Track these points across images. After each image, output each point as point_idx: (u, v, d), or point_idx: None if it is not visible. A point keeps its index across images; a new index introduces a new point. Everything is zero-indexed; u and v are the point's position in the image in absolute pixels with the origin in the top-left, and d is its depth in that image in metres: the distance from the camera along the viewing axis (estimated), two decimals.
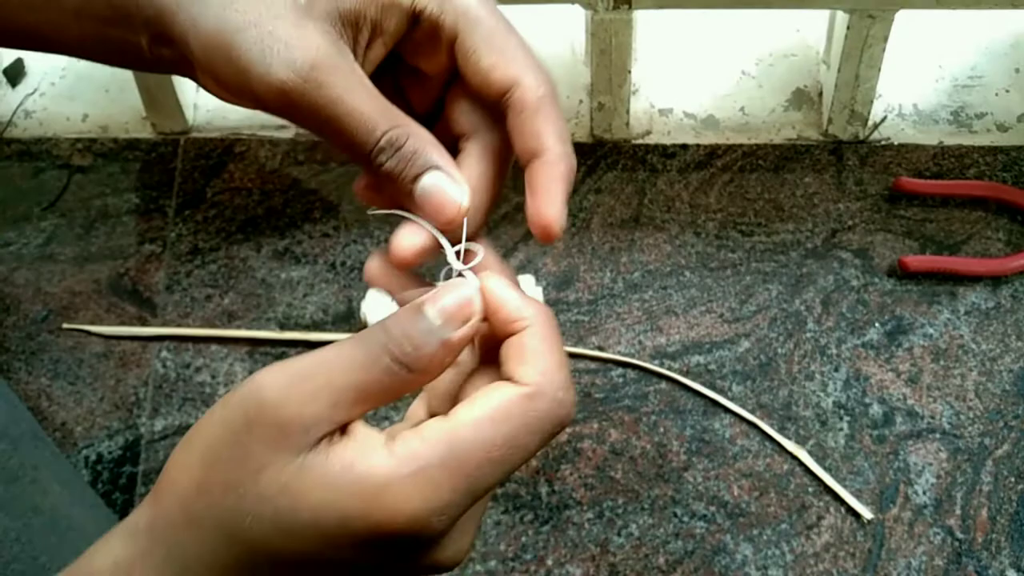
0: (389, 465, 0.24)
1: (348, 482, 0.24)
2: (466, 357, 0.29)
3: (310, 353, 0.25)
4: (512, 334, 0.26)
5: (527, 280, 0.60)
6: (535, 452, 0.25)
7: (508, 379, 0.26)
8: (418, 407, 0.30)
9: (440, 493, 0.24)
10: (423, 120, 0.30)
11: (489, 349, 0.28)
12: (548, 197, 0.28)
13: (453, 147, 0.30)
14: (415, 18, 0.29)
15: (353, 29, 0.29)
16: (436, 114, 0.32)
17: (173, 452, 0.26)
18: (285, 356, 0.59)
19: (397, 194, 0.29)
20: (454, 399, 0.28)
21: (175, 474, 0.26)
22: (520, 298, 0.27)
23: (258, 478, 0.24)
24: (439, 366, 0.25)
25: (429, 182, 0.28)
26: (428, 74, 0.31)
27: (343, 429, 0.25)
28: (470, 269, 0.28)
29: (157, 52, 0.30)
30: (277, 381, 0.25)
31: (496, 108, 0.29)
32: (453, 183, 0.29)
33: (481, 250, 0.28)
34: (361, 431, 0.25)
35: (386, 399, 0.25)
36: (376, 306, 0.61)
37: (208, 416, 0.25)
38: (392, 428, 0.26)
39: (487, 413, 0.25)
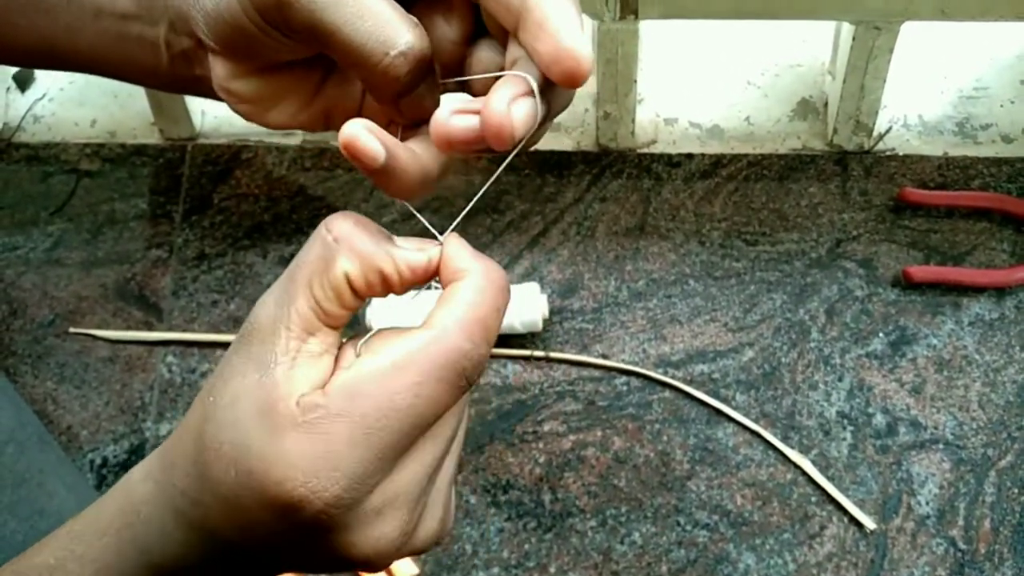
0: (290, 415, 0.24)
1: (258, 435, 0.24)
2: None
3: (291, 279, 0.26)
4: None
5: (531, 288, 0.62)
6: (447, 405, 0.25)
7: (425, 321, 0.26)
8: (348, 350, 0.27)
9: (337, 447, 0.23)
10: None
11: None
12: (562, 29, 0.24)
13: None
14: None
15: None
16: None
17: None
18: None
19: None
20: None
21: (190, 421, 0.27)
22: (471, 256, 0.27)
23: (228, 382, 0.25)
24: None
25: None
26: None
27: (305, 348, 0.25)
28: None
29: (174, 45, 0.30)
30: (266, 305, 0.26)
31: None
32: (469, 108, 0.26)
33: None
34: (301, 367, 0.25)
35: (335, 306, 0.26)
36: (380, 312, 0.63)
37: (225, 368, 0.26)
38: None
39: (389, 360, 0.24)
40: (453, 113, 0.26)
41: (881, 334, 0.60)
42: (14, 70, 0.70)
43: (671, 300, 0.61)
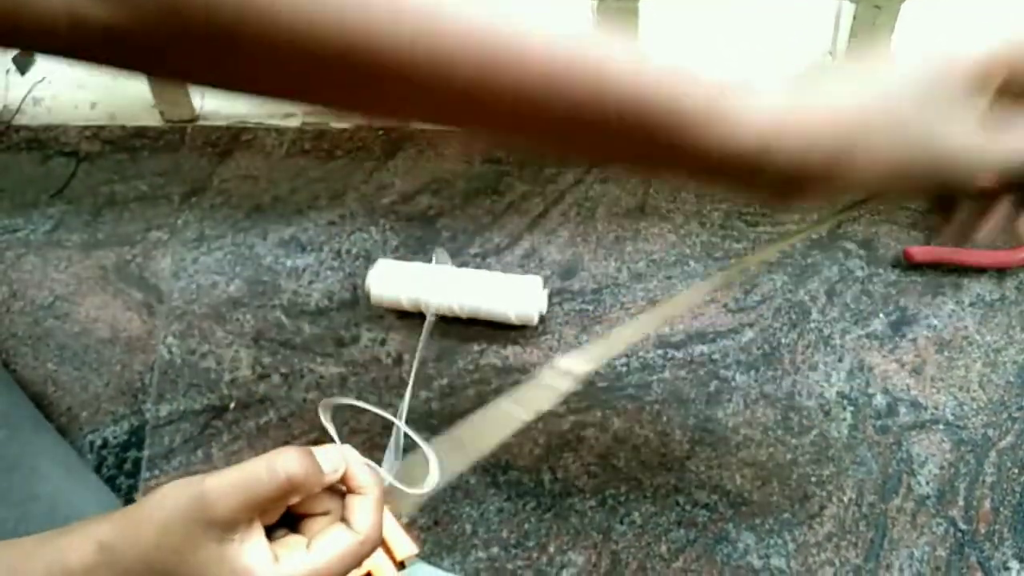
0: None
1: None
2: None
3: (240, 467, 0.36)
4: (356, 493, 0.38)
5: (534, 281, 0.62)
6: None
7: (349, 523, 0.37)
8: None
9: None
10: None
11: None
12: None
13: None
14: None
15: None
16: None
17: (143, 501, 0.36)
18: (290, 343, 0.61)
19: None
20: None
21: (142, 525, 0.35)
22: (369, 474, 0.39)
23: (195, 552, 0.35)
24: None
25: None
26: None
27: (252, 525, 0.36)
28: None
29: None
30: (220, 486, 0.35)
31: None
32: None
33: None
34: (260, 541, 0.36)
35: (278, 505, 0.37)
36: (381, 274, 0.63)
37: (173, 491, 0.36)
38: (286, 541, 0.37)
39: (338, 551, 0.36)
40: None
41: (881, 315, 0.61)
42: (13, 52, 0.70)
43: (671, 281, 0.62)
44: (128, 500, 0.58)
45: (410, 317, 0.61)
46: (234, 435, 0.59)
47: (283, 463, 0.36)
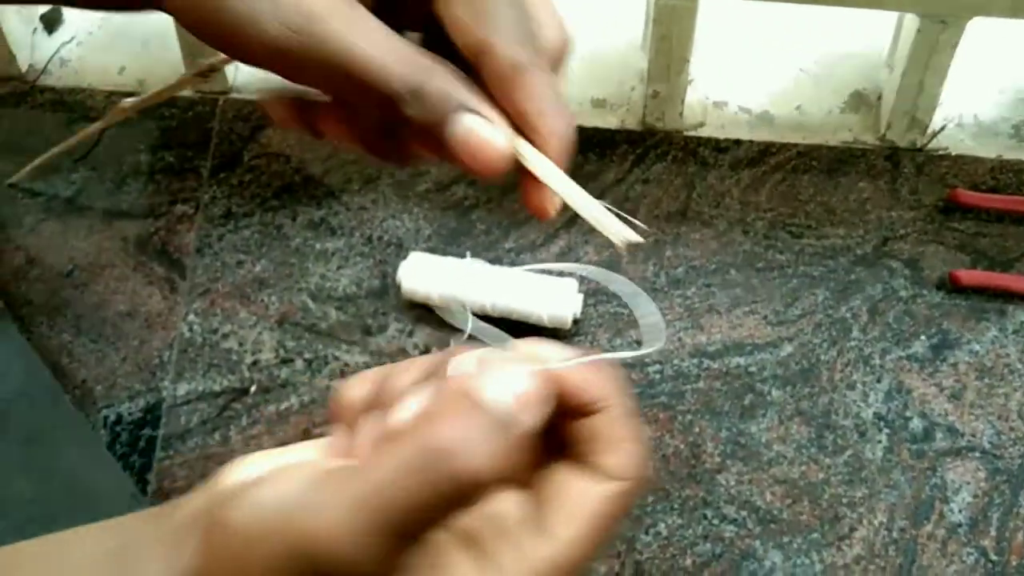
0: None
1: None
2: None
3: (348, 475, 0.22)
4: (587, 413, 0.24)
5: (569, 284, 0.61)
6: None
7: (594, 468, 0.24)
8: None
9: None
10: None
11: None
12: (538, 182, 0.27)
13: None
14: None
15: None
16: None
17: (205, 550, 0.23)
18: (315, 328, 0.60)
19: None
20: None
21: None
22: (596, 377, 0.24)
23: None
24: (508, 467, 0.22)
25: (461, 128, 0.26)
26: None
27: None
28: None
29: None
30: (332, 525, 0.21)
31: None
32: (488, 124, 0.26)
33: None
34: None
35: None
36: (413, 267, 0.62)
37: (259, 544, 0.21)
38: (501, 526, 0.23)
39: (590, 527, 0.23)
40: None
41: (923, 337, 0.60)
42: (42, 10, 0.69)
43: (710, 289, 0.61)
44: (141, 480, 0.57)
45: (440, 309, 0.60)
46: (253, 419, 0.58)
47: (442, 439, 0.20)
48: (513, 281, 0.58)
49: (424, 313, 0.60)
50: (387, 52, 0.25)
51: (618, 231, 0.27)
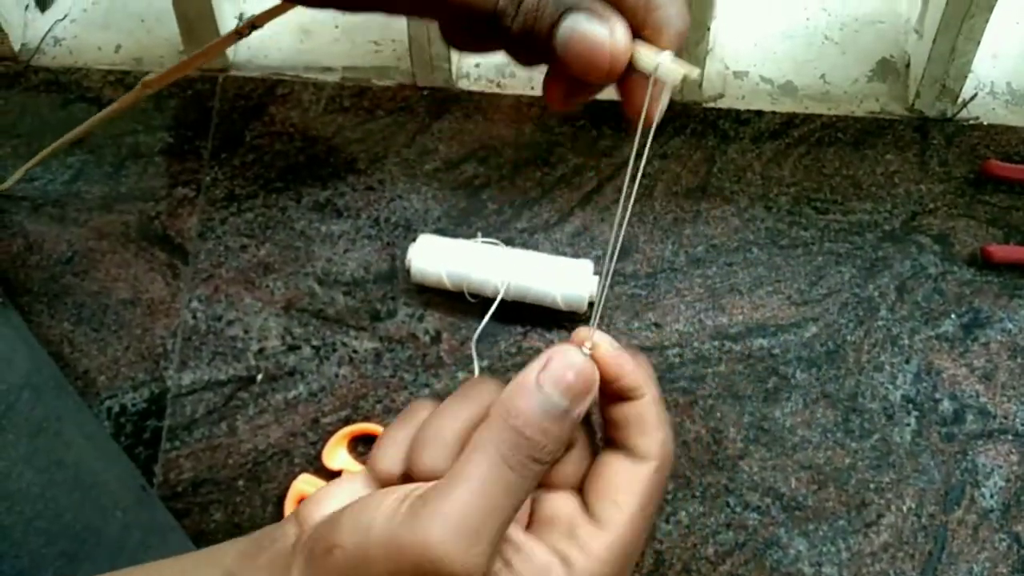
0: None
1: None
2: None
3: (454, 487, 0.24)
4: (625, 399, 0.27)
5: (584, 265, 0.59)
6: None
7: (630, 450, 0.27)
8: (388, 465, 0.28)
9: None
10: None
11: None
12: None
13: None
14: None
15: None
16: None
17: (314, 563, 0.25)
18: (322, 314, 0.59)
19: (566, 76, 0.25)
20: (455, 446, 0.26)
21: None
22: (635, 366, 0.27)
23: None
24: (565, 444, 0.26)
25: (568, 28, 0.24)
26: None
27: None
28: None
29: None
30: (444, 537, 0.23)
31: None
32: (597, 20, 0.24)
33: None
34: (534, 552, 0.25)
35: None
36: (423, 249, 0.61)
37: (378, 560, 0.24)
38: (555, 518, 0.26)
39: (637, 505, 0.26)
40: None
41: (953, 315, 0.58)
42: None
43: (732, 268, 0.59)
44: (147, 472, 0.56)
45: (451, 293, 0.59)
46: (260, 408, 0.57)
47: (519, 429, 0.24)
48: (527, 262, 0.57)
49: (434, 297, 0.59)
50: None
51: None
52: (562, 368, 0.26)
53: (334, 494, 0.27)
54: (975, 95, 0.62)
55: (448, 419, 0.27)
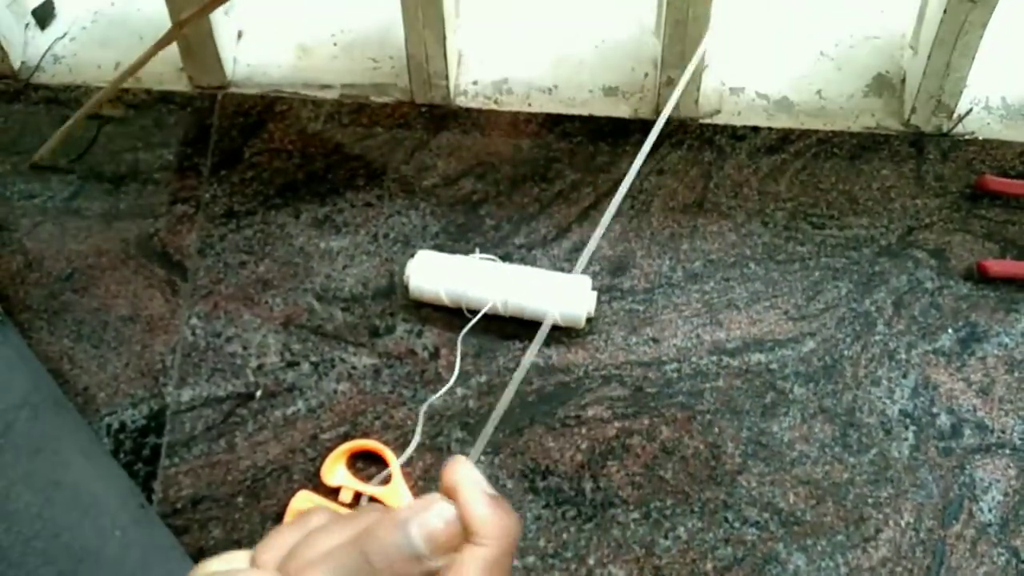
0: None
1: None
2: None
3: None
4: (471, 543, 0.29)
5: (583, 281, 0.60)
6: None
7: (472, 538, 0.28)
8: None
9: None
10: None
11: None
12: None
13: None
14: None
15: None
16: None
17: None
18: (321, 330, 0.59)
19: None
20: None
21: None
22: (490, 518, 0.28)
23: None
24: None
25: None
26: None
27: None
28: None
29: None
30: None
31: None
32: None
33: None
34: None
35: None
36: (421, 266, 0.61)
37: None
38: None
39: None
40: None
41: (950, 330, 0.59)
42: (34, 4, 0.68)
43: (729, 284, 0.60)
44: (146, 488, 0.56)
45: (449, 309, 0.59)
46: (259, 424, 0.58)
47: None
48: (525, 278, 0.57)
49: (432, 313, 0.60)
50: None
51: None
52: (436, 518, 0.27)
53: (215, 564, 0.29)
54: (970, 110, 0.63)
55: (324, 536, 0.29)
